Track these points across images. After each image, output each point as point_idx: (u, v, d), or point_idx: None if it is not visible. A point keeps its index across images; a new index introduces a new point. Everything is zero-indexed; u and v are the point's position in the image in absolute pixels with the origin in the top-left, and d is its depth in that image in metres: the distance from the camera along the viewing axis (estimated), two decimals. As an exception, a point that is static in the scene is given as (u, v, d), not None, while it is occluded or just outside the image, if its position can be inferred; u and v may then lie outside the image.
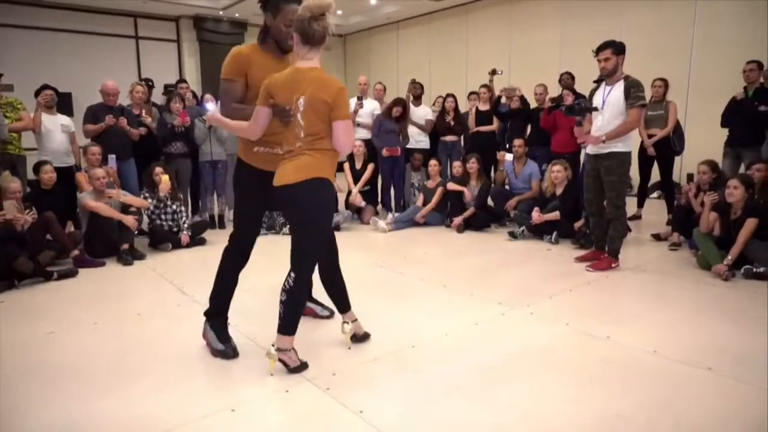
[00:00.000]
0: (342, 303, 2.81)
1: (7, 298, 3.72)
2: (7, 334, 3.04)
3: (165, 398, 2.30)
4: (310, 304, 3.15)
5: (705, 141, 6.25)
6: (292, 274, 2.41)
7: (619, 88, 3.99)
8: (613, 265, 4.19)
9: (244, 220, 2.68)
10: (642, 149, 5.91)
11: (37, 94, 5.36)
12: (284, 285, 2.40)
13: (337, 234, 3.13)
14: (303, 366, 2.49)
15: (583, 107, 4.19)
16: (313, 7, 2.25)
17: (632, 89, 3.92)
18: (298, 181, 2.31)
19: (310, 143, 2.33)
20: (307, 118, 2.31)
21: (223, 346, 2.67)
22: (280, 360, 2.45)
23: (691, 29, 7.74)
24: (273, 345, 2.44)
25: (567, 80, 6.42)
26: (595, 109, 4.11)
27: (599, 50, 4.02)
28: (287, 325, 2.42)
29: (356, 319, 2.82)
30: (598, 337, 2.89)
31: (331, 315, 3.17)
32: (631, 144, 4.10)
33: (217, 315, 2.73)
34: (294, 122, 2.33)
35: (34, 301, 3.68)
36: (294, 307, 2.42)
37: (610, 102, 4.03)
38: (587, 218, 4.61)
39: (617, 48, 3.98)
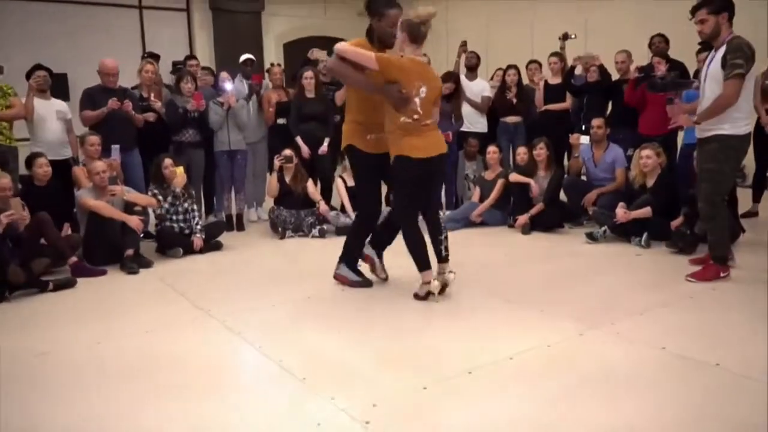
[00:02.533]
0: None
1: (-3, 312, 3.89)
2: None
3: (180, 429, 2.35)
4: (375, 257, 4.11)
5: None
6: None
7: (721, 54, 3.85)
8: (722, 275, 4.04)
9: (367, 200, 3.98)
10: (759, 128, 5.67)
11: (28, 76, 5.50)
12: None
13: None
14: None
15: (668, 82, 4.06)
16: (423, 16, 3.41)
17: (729, 56, 3.76)
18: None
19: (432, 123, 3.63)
20: (426, 103, 3.51)
21: (359, 278, 4.03)
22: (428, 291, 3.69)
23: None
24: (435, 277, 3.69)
25: (659, 44, 6.25)
26: (685, 83, 3.98)
27: (693, 11, 3.91)
28: (420, 264, 3.70)
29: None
30: (703, 363, 2.80)
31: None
32: (743, 125, 3.92)
33: (351, 257, 4.02)
34: (412, 105, 3.46)
35: (25, 315, 3.83)
36: (415, 249, 3.69)
37: (710, 73, 3.92)
38: (687, 215, 4.47)
39: (715, 6, 3.83)
